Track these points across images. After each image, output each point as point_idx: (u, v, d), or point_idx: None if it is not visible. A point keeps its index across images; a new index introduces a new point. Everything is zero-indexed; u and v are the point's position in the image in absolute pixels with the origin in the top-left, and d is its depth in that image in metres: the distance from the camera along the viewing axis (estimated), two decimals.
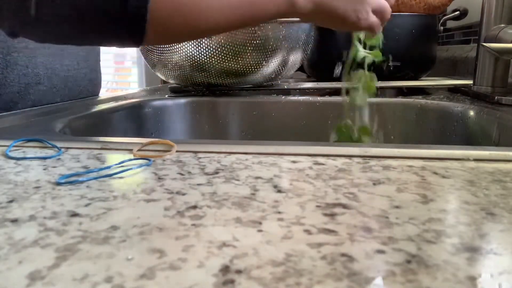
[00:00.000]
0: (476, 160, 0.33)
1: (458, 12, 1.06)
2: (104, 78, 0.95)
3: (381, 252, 0.19)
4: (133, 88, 2.98)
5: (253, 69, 0.79)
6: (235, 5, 0.40)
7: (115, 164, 0.33)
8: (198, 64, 0.78)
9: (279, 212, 0.23)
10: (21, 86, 0.66)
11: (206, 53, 0.76)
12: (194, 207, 0.24)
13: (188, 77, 0.82)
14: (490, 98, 0.67)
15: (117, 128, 0.68)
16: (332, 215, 0.23)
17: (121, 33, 0.36)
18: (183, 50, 0.77)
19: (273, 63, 0.80)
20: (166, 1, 0.37)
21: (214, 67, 0.78)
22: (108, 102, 0.73)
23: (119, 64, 3.22)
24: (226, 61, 0.77)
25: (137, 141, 0.39)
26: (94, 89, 0.86)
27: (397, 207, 0.24)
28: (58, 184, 0.28)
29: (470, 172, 0.30)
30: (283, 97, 0.81)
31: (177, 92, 0.87)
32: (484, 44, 0.64)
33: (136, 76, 3.07)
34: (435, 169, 0.31)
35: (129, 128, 0.72)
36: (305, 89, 0.90)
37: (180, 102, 0.81)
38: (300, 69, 1.01)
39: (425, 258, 0.18)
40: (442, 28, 1.09)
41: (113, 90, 3.25)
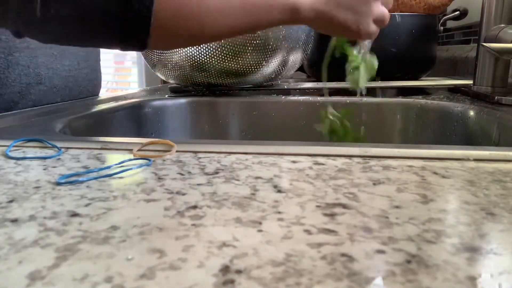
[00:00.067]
0: (476, 160, 0.33)
1: (458, 12, 1.06)
2: (104, 78, 0.95)
3: (381, 252, 0.19)
4: (133, 88, 2.98)
5: (253, 69, 0.79)
6: (239, 13, 0.40)
7: (115, 164, 0.33)
8: (198, 64, 0.78)
9: (279, 212, 0.23)
10: (22, 86, 0.66)
11: (206, 53, 0.76)
12: (194, 207, 0.24)
13: (188, 77, 0.82)
14: (490, 98, 0.67)
15: (117, 128, 0.68)
16: (332, 215, 0.23)
17: (126, 35, 0.36)
18: (183, 50, 0.77)
19: (273, 63, 0.80)
20: (171, 6, 0.37)
21: (214, 67, 0.78)
22: (108, 102, 0.73)
23: (119, 64, 3.22)
24: (226, 61, 0.77)
25: (137, 141, 0.39)
26: (94, 89, 0.86)
27: (397, 207, 0.24)
28: (58, 184, 0.28)
29: (470, 172, 0.30)
30: (283, 97, 0.81)
31: (177, 92, 0.87)
32: (484, 44, 0.64)
33: (136, 76, 3.08)
34: (435, 169, 0.31)
35: (129, 128, 0.72)
36: (305, 89, 0.90)
37: (180, 102, 0.81)
38: (300, 69, 1.01)
39: (425, 258, 0.18)
40: (442, 28, 1.09)
41: (113, 90, 3.25)
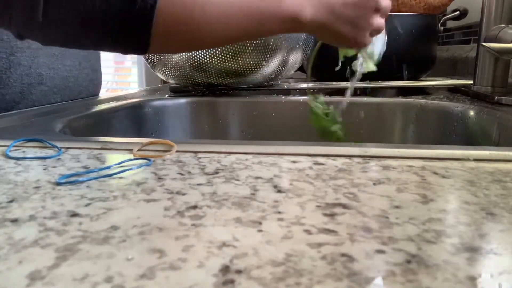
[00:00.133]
0: (476, 160, 0.33)
1: (458, 12, 1.06)
2: (104, 78, 0.95)
3: (381, 252, 0.19)
4: (133, 88, 2.98)
5: (253, 69, 0.79)
6: (241, 22, 0.40)
7: (115, 164, 0.33)
8: (198, 64, 0.78)
9: (279, 212, 0.23)
10: (24, 86, 0.66)
11: (206, 53, 0.76)
12: (194, 207, 0.24)
13: (188, 77, 0.82)
14: (490, 98, 0.67)
15: (117, 128, 0.68)
16: (332, 215, 0.23)
17: (127, 34, 0.36)
18: None
19: (273, 63, 0.80)
20: (173, 10, 0.37)
21: (214, 67, 0.78)
22: (108, 102, 0.73)
23: (119, 64, 3.22)
24: (226, 61, 0.77)
25: (137, 141, 0.39)
26: (94, 89, 0.86)
27: (397, 207, 0.24)
28: (58, 184, 0.28)
29: (470, 172, 0.30)
30: (283, 97, 0.81)
31: (177, 92, 0.87)
32: (484, 44, 0.64)
33: (136, 76, 3.08)
34: (435, 169, 0.31)
35: (129, 128, 0.72)
36: (305, 89, 0.90)
37: (180, 102, 0.81)
38: (300, 69, 1.01)
39: (425, 258, 0.18)
40: (442, 28, 1.09)
41: (113, 90, 3.25)
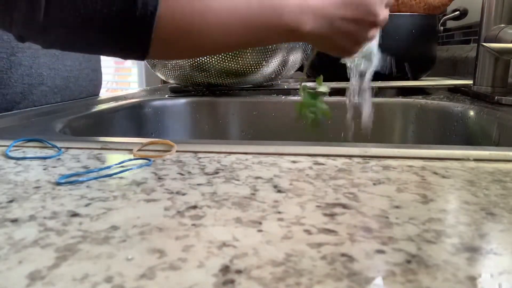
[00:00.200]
0: (476, 160, 0.33)
1: (458, 12, 1.06)
2: (104, 78, 0.95)
3: (381, 252, 0.19)
4: (133, 88, 2.98)
5: (253, 69, 0.79)
6: (241, 32, 0.41)
7: (115, 164, 0.33)
8: (198, 64, 0.78)
9: (279, 212, 0.23)
10: (25, 87, 0.66)
11: None
12: (194, 207, 0.24)
13: (188, 77, 0.82)
14: (490, 98, 0.67)
15: (117, 128, 0.68)
16: (332, 215, 0.23)
17: (127, 42, 0.36)
18: None
19: (273, 63, 0.80)
20: (174, 17, 0.37)
21: (214, 67, 0.78)
22: (108, 102, 0.73)
23: (119, 64, 3.22)
24: (226, 61, 0.77)
25: (137, 141, 0.39)
26: (95, 89, 0.86)
27: (397, 207, 0.24)
28: (58, 184, 0.28)
29: (470, 172, 0.30)
30: (283, 97, 0.81)
31: (177, 92, 0.87)
32: (484, 44, 0.64)
33: (136, 76, 3.08)
34: (435, 169, 0.31)
35: (129, 128, 0.72)
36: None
37: (180, 102, 0.81)
38: (300, 69, 1.01)
39: (425, 258, 0.18)
40: (442, 28, 1.09)
41: (113, 90, 3.25)
